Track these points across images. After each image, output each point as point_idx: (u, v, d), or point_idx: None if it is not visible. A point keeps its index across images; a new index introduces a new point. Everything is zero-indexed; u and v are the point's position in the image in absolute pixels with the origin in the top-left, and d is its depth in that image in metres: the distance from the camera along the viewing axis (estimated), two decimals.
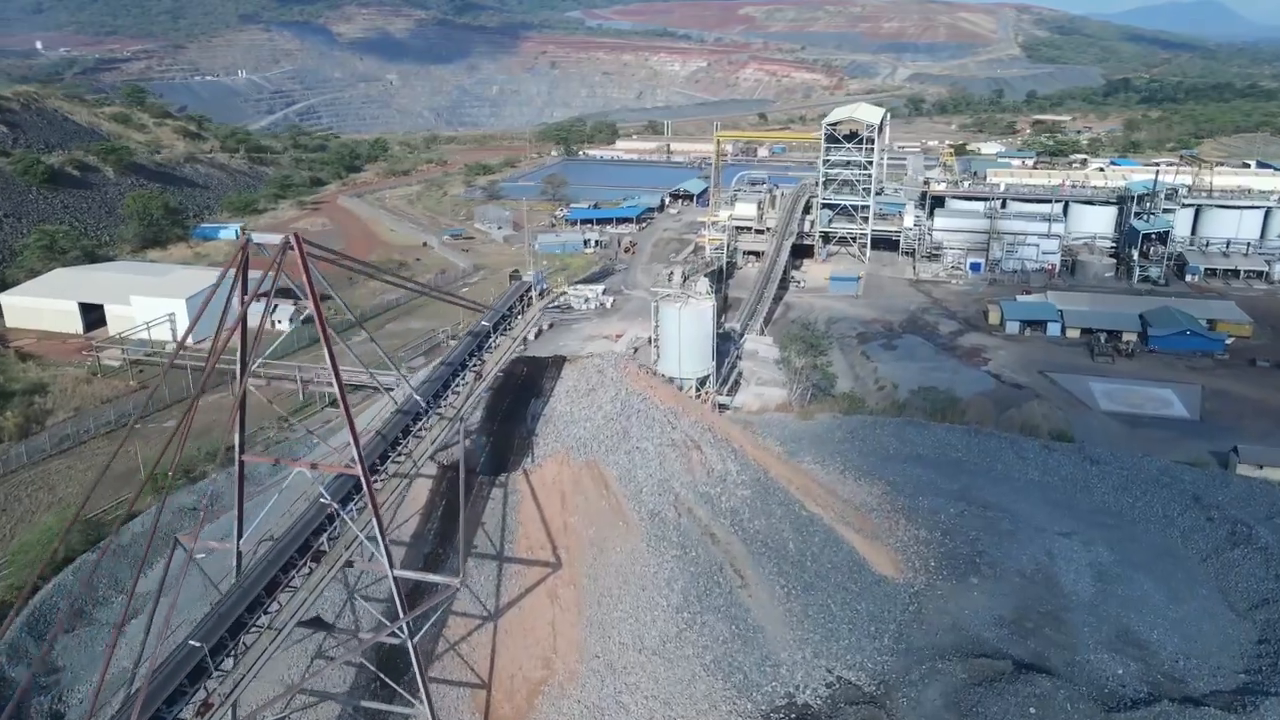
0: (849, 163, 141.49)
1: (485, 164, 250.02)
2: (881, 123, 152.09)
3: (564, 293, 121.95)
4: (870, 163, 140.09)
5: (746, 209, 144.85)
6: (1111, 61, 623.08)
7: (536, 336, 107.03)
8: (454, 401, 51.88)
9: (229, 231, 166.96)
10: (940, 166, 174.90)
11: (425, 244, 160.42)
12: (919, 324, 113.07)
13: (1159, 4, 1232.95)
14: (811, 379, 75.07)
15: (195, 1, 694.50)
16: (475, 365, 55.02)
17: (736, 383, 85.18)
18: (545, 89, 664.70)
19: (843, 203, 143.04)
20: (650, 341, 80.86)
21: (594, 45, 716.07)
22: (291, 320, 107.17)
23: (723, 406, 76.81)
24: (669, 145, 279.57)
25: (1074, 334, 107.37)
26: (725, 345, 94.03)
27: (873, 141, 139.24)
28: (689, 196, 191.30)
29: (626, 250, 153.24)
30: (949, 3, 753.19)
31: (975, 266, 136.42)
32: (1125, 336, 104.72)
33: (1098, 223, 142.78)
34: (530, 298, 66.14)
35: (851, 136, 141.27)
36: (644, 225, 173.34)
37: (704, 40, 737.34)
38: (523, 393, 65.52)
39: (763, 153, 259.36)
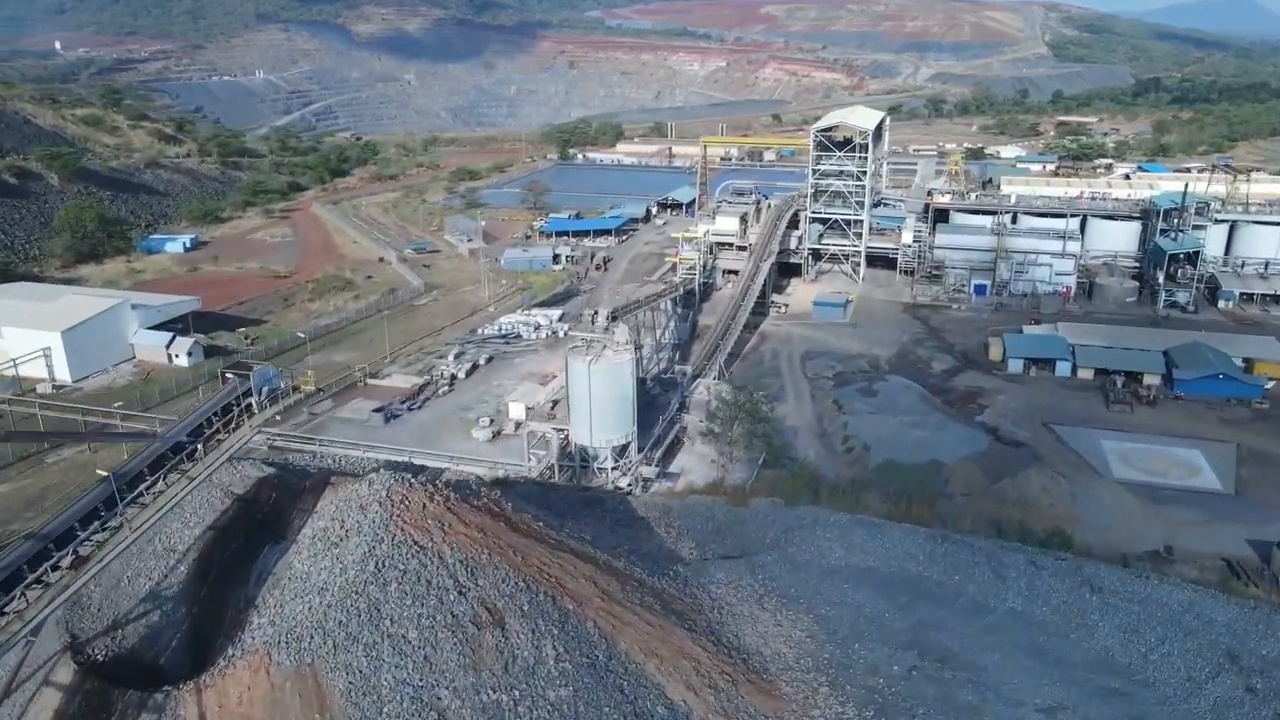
0: (841, 172, 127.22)
1: (471, 168, 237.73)
2: (879, 128, 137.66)
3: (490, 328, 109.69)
4: (864, 172, 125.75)
5: (728, 223, 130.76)
6: (1142, 60, 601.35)
7: (468, 374, 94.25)
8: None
9: (176, 244, 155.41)
10: (947, 176, 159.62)
11: (381, 259, 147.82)
12: (909, 360, 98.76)
13: (1191, 2, 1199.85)
14: (755, 451, 61.04)
15: (216, 2, 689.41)
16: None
17: (679, 442, 71.48)
18: (563, 89, 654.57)
19: (834, 216, 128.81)
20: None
21: (613, 45, 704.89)
22: (191, 354, 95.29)
23: (646, 481, 63.22)
24: (670, 149, 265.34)
25: (1087, 373, 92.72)
26: (671, 393, 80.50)
27: (866, 149, 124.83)
28: (678, 206, 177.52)
29: (598, 267, 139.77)
30: (975, 1, 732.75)
31: (980, 289, 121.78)
32: (1147, 379, 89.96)
33: (1119, 240, 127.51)
34: (250, 405, 48.74)
35: (844, 143, 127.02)
36: (625, 238, 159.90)
37: (724, 40, 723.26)
38: (258, 534, 49.00)
39: (770, 156, 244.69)
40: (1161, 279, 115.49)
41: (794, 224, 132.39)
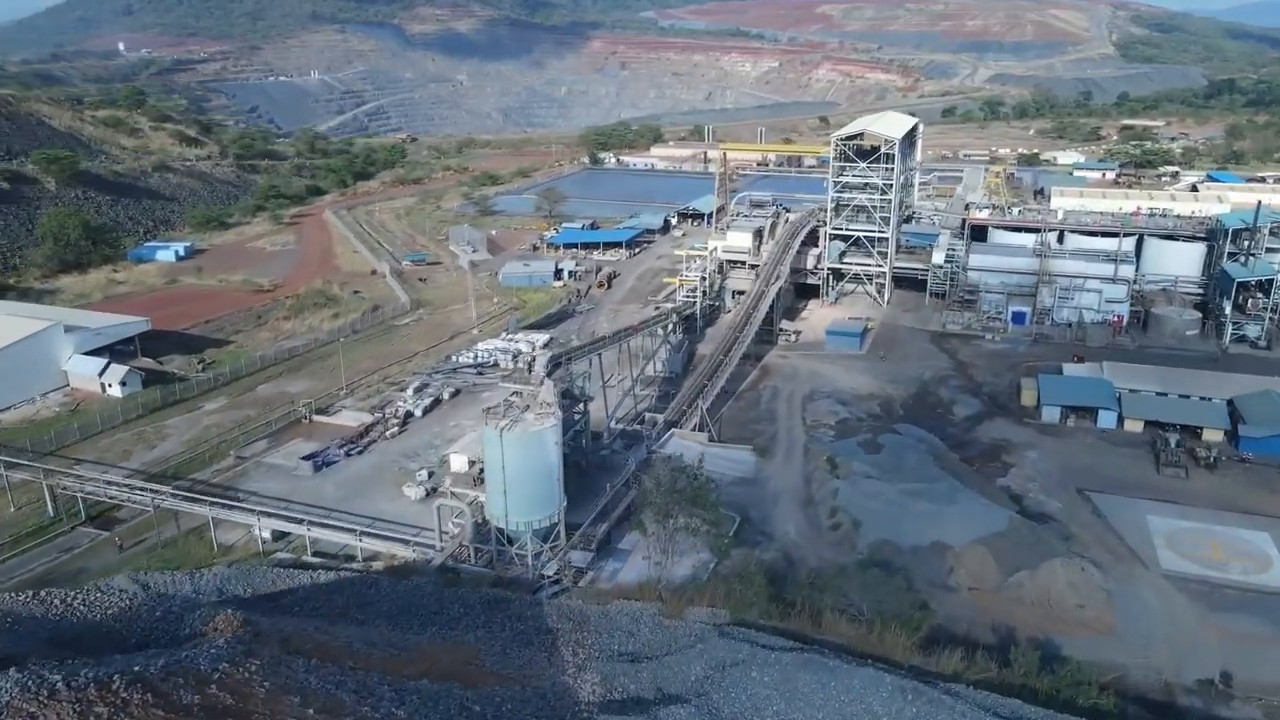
0: (865, 185, 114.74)
1: (494, 173, 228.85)
2: (910, 136, 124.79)
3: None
4: (890, 185, 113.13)
5: (740, 239, 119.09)
6: (1215, 61, 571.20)
7: (427, 411, 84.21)
8: None
9: (168, 252, 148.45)
10: (985, 189, 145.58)
11: (374, 271, 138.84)
12: (927, 403, 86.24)
13: None
14: (701, 546, 49.14)
15: (275, 3, 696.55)
16: None
17: (630, 515, 60.15)
18: (614, 90, 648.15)
19: (857, 233, 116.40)
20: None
21: (665, 45, 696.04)
22: (125, 383, 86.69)
23: (579, 571, 52.13)
24: (705, 153, 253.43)
25: (1135, 426, 79.38)
26: (635, 449, 69.25)
27: (894, 159, 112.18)
28: (699, 216, 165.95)
29: (600, 285, 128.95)
30: (1039, 0, 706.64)
31: (1019, 317, 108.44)
32: (1206, 435, 76.46)
33: (1180, 263, 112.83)
34: None
35: (870, 153, 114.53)
36: (636, 251, 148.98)
37: (777, 40, 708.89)
38: None
39: (810, 161, 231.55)
40: (1229, 310, 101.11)
41: (813, 241, 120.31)
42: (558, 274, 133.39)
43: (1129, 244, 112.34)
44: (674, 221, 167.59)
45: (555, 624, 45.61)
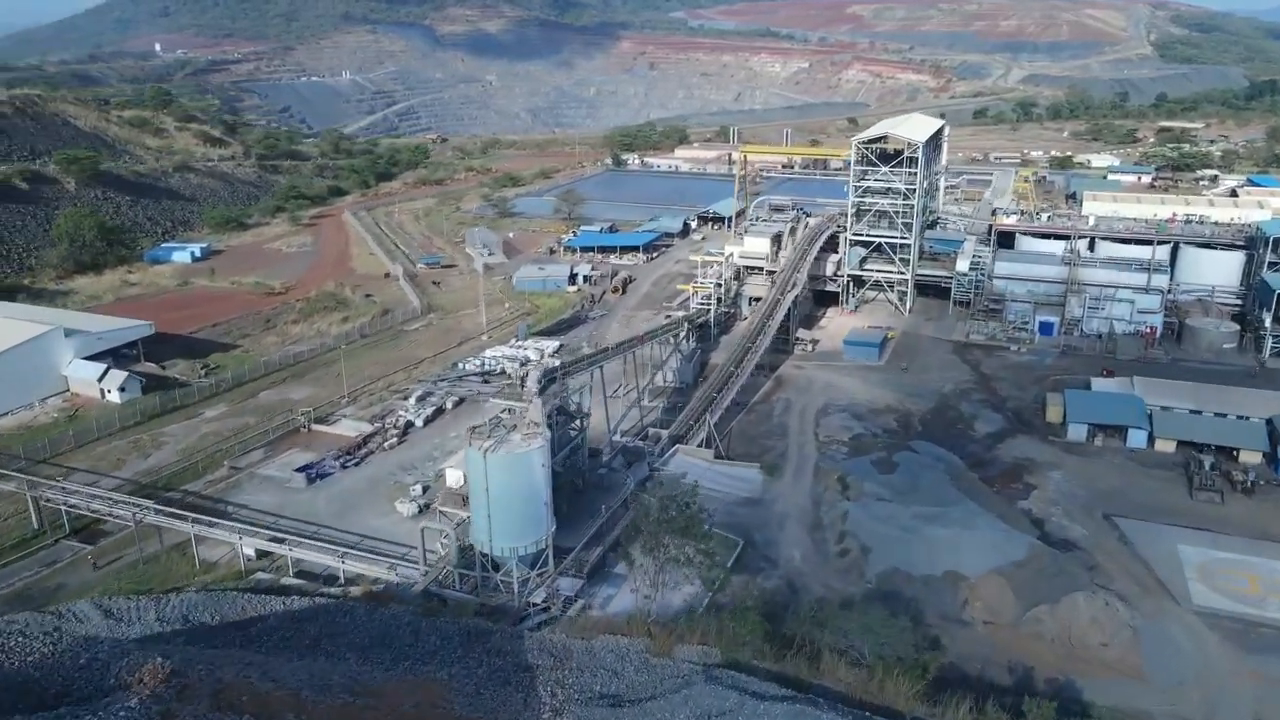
0: (888, 190, 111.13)
1: (515, 175, 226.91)
2: (935, 138, 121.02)
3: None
4: (913, 190, 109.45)
5: (758, 244, 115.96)
6: (1257, 61, 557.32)
7: (428, 422, 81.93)
8: None
9: (184, 253, 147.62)
10: (1014, 194, 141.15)
11: (388, 274, 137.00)
12: (947, 419, 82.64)
13: None
14: (694, 574, 45.73)
15: (309, 4, 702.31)
16: None
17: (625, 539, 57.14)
18: (642, 90, 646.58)
19: (878, 239, 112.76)
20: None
21: (694, 45, 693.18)
22: (124, 389, 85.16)
23: (567, 600, 49.29)
24: (730, 155, 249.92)
25: (1167, 446, 75.39)
26: (635, 467, 66.38)
27: (917, 163, 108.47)
28: (720, 220, 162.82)
29: (614, 290, 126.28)
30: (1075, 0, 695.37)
31: (1046, 328, 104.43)
32: (1244, 456, 72.38)
33: (1217, 272, 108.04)
34: None
35: (892, 156, 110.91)
36: (654, 255, 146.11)
37: (807, 40, 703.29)
38: None
39: (835, 164, 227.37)
40: (1269, 322, 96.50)
41: (833, 247, 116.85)
42: (572, 278, 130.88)
43: (1163, 252, 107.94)
44: (694, 225, 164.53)
45: (536, 660, 42.91)
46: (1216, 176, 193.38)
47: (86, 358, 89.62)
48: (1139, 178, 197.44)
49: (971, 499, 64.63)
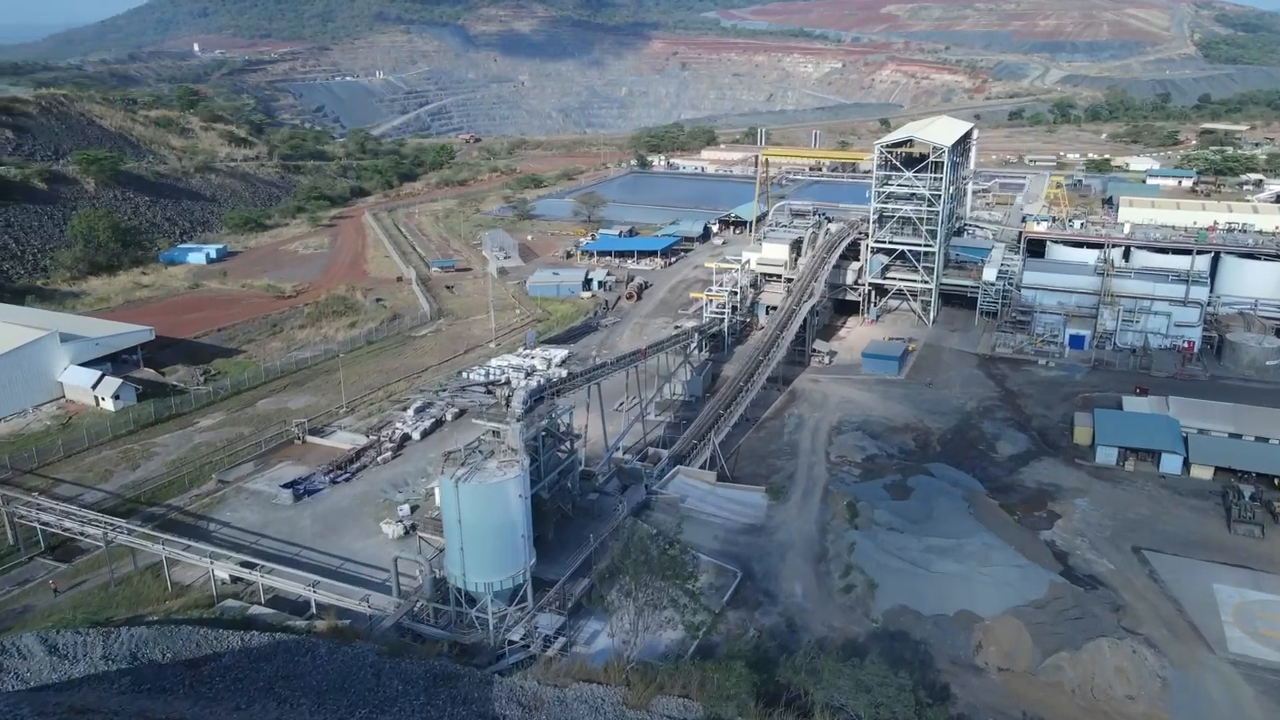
0: (912, 195, 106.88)
1: (538, 176, 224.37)
2: (963, 142, 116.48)
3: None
4: (938, 196, 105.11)
5: (776, 251, 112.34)
6: None
7: (426, 434, 79.17)
8: None
9: (199, 255, 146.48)
10: (1045, 202, 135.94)
11: (400, 278, 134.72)
12: (968, 439, 78.39)
13: None
14: (676, 620, 41.94)
15: (345, 4, 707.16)
16: None
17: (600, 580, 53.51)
18: (674, 90, 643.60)
19: (902, 247, 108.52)
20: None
21: (726, 46, 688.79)
22: (118, 396, 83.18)
23: (547, 639, 45.76)
24: (757, 157, 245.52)
25: (1204, 472, 70.73)
26: (630, 491, 62.92)
27: (942, 168, 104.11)
28: (741, 223, 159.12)
29: (629, 297, 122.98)
30: None
31: (1076, 341, 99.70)
32: None
33: (1260, 284, 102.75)
34: None
35: (917, 161, 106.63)
36: (672, 260, 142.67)
37: (841, 40, 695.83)
38: None
39: (865, 166, 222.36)
40: None
41: (855, 254, 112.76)
42: (587, 283, 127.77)
43: (1203, 262, 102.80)
44: (715, 229, 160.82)
45: (503, 710, 39.65)
46: (1261, 181, 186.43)
47: (84, 363, 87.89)
48: (1179, 182, 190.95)
49: (989, 529, 60.54)
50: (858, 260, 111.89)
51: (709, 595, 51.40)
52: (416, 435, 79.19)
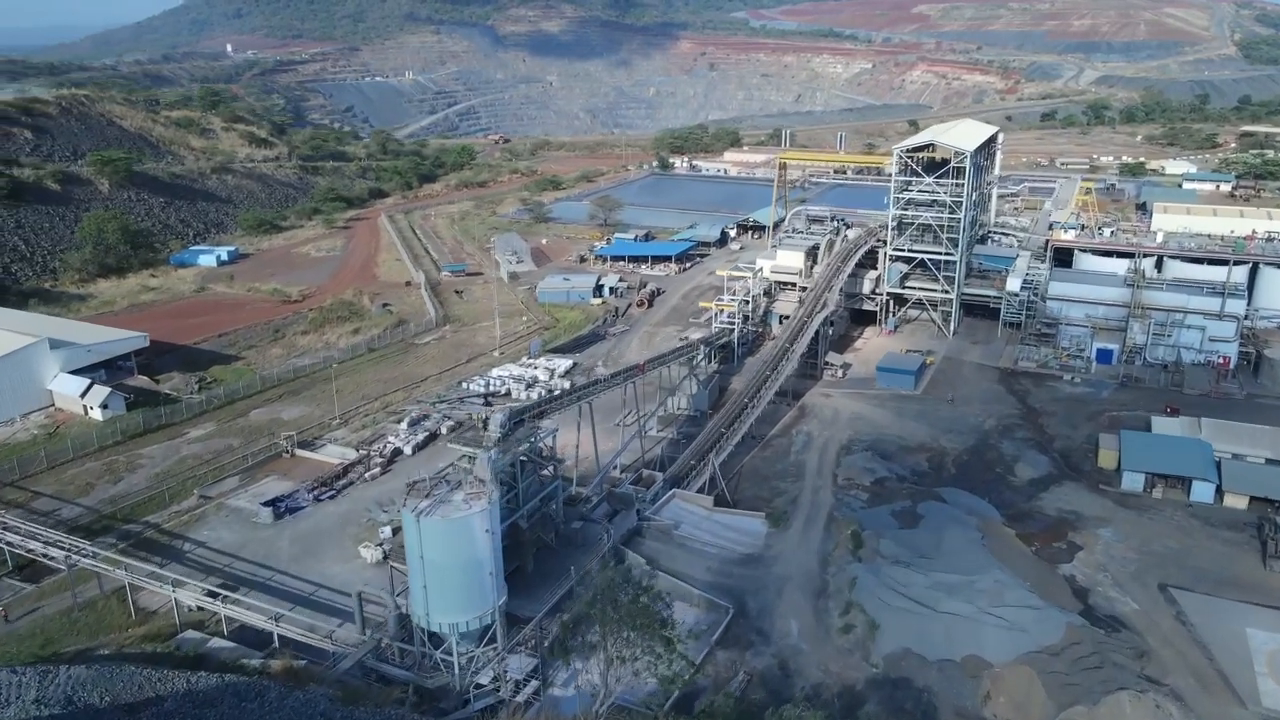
0: (932, 202, 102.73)
1: (556, 178, 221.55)
2: (987, 147, 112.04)
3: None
4: (959, 202, 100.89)
5: (790, 258, 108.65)
6: None
7: (418, 449, 76.34)
8: None
9: (210, 257, 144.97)
10: (1074, 208, 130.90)
11: (408, 283, 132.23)
12: (986, 460, 74.34)
13: None
14: (647, 675, 38.63)
15: (375, 5, 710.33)
16: None
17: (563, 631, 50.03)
18: (702, 91, 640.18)
19: (922, 255, 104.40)
20: None
21: (755, 46, 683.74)
22: (106, 405, 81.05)
23: (518, 684, 42.57)
24: (779, 159, 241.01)
25: (1238, 501, 66.27)
26: (624, 514, 59.62)
27: (964, 173, 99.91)
28: (759, 228, 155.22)
29: (640, 304, 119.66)
30: None
31: (1104, 355, 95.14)
32: None
33: None
34: None
35: (939, 166, 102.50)
36: (687, 266, 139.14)
37: (871, 40, 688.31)
38: None
39: (889, 170, 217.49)
40: None
41: (873, 262, 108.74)
42: (598, 289, 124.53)
43: (1240, 273, 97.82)
44: (732, 234, 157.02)
45: None
46: None
47: (75, 371, 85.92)
48: (1217, 186, 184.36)
49: (1003, 564, 56.57)
50: (876, 268, 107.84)
51: (698, 632, 48.04)
52: (408, 450, 76.36)
